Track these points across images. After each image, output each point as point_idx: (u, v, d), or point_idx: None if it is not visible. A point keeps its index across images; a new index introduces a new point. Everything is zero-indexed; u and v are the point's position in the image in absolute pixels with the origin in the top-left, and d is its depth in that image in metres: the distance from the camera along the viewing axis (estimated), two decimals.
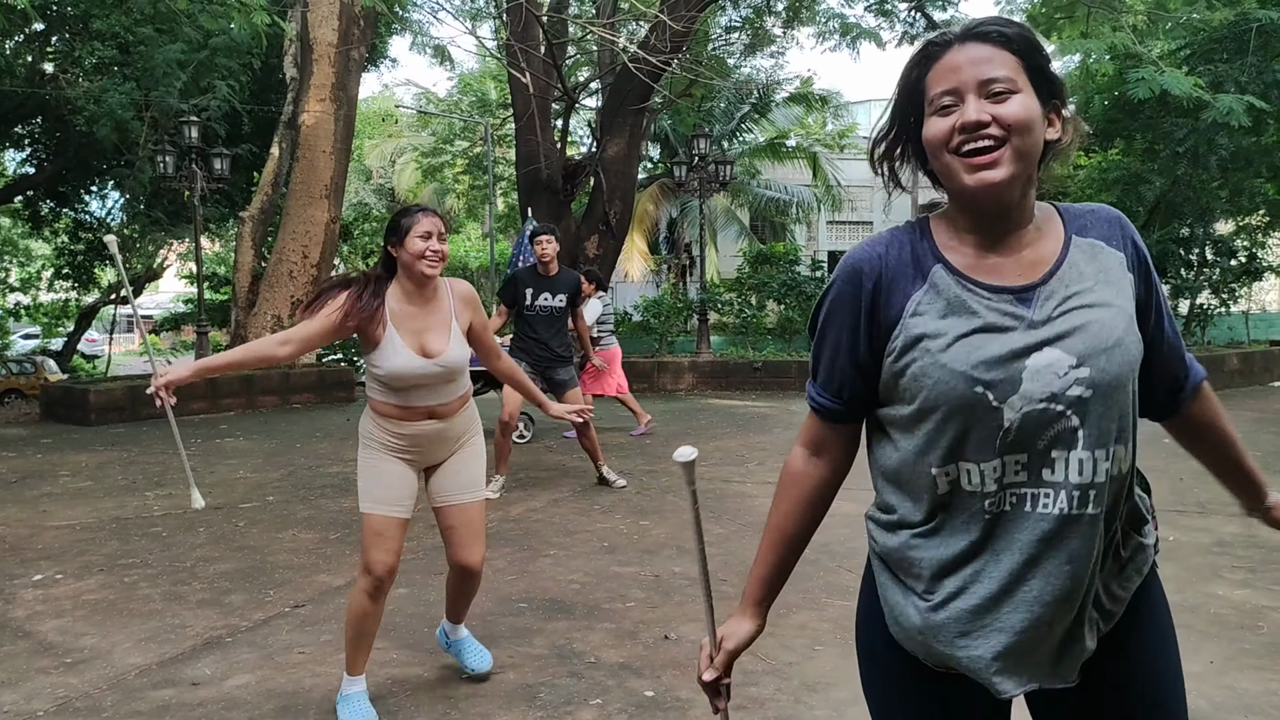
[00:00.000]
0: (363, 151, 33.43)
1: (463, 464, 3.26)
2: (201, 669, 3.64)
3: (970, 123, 1.26)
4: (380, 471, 3.13)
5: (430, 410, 3.10)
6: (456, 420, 3.20)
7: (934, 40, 1.34)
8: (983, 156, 1.26)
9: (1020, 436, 1.28)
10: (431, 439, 3.15)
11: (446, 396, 3.12)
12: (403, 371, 2.99)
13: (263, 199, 14.00)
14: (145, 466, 7.96)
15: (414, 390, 3.05)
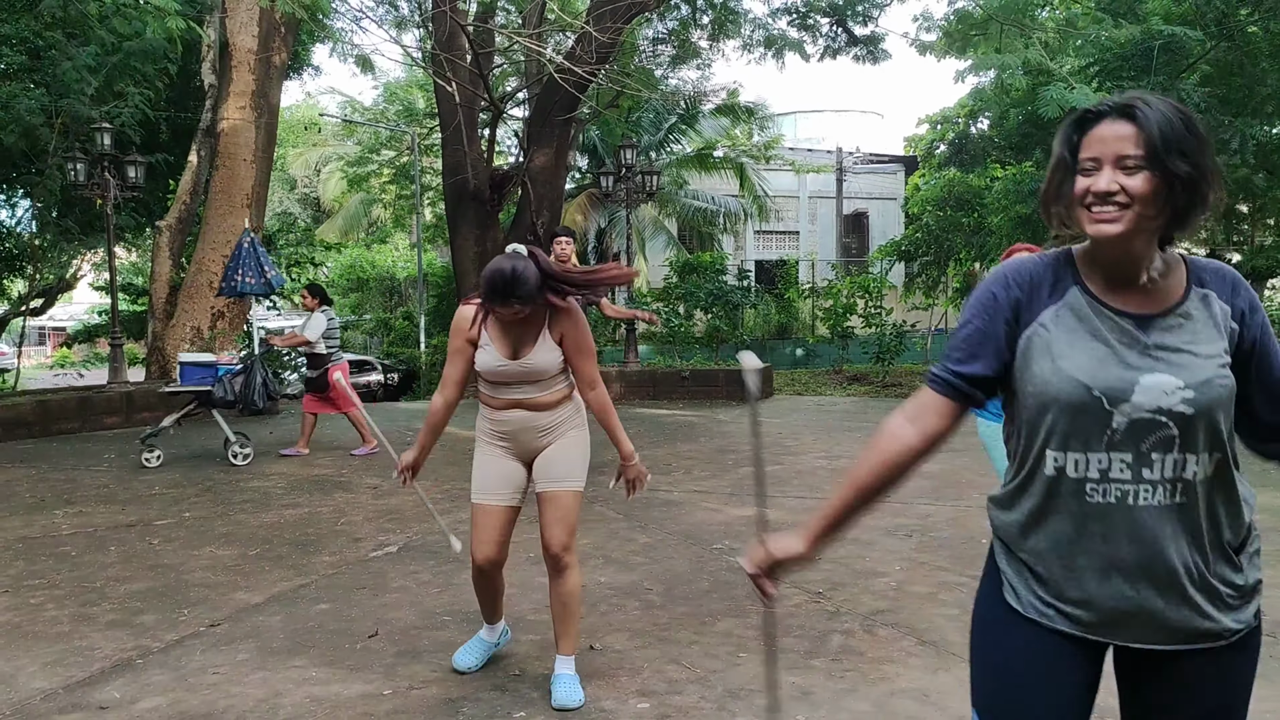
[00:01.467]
0: (286, 160, 32.87)
1: (554, 455, 3.46)
2: (110, 692, 3.53)
3: (1100, 191, 1.54)
4: (487, 463, 3.47)
5: (519, 402, 3.39)
6: (551, 414, 3.44)
7: (1090, 110, 1.61)
8: (1105, 215, 1.54)
9: (1125, 438, 1.55)
10: (521, 427, 3.42)
11: (538, 393, 3.40)
12: (487, 367, 3.36)
13: (180, 208, 13.65)
14: (54, 484, 7.70)
15: (502, 385, 3.38)
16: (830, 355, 19.35)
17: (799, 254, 29.41)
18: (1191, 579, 1.58)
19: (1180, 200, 1.54)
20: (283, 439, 10.04)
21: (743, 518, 6.14)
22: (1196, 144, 1.53)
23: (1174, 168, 1.51)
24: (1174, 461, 1.55)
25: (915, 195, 22.74)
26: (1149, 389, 1.53)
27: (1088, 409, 1.55)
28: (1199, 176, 1.53)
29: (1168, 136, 1.52)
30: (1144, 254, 1.58)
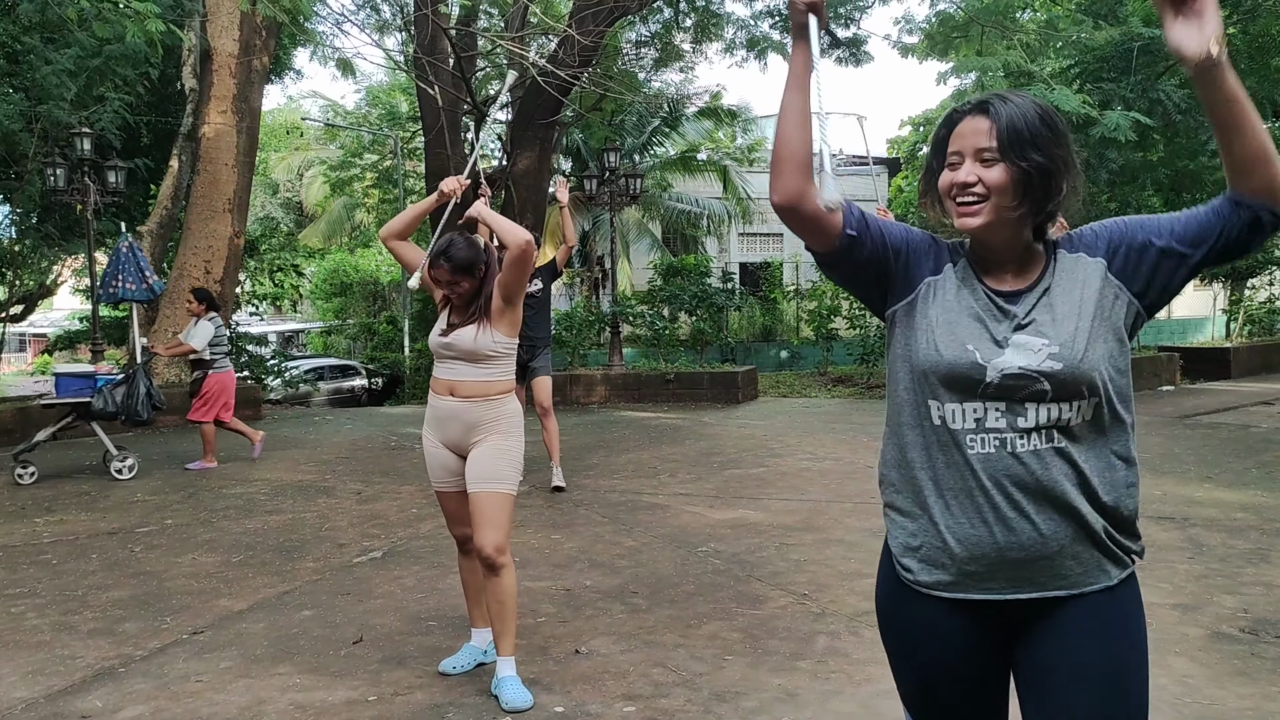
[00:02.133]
0: (268, 165, 32.71)
1: (479, 456, 3.50)
2: (92, 701, 3.50)
3: (959, 183, 1.66)
4: (429, 452, 3.63)
5: (450, 386, 3.53)
6: (476, 408, 3.50)
7: (956, 109, 1.72)
8: (967, 208, 1.66)
9: (999, 391, 1.62)
10: (449, 416, 3.53)
11: (464, 377, 3.51)
12: (430, 340, 3.60)
13: (161, 213, 13.58)
14: (34, 492, 7.64)
15: (441, 363, 3.57)
16: (815, 357, 19.39)
17: (783, 256, 29.43)
18: (1079, 523, 1.63)
19: (1037, 191, 1.62)
20: (271, 444, 9.98)
21: (727, 520, 6.15)
22: (1050, 136, 1.63)
23: (1024, 159, 1.60)
24: (1046, 411, 1.61)
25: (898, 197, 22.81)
26: (1019, 348, 1.62)
27: (964, 370, 1.63)
28: (1053, 167, 1.62)
29: (1018, 129, 1.61)
30: (1012, 242, 1.68)
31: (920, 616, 1.72)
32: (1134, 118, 11.90)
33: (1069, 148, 1.65)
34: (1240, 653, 3.75)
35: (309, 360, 23.32)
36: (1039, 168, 1.61)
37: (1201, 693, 3.40)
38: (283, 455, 9.27)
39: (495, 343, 3.50)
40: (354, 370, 23.24)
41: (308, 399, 19.38)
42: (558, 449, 7.21)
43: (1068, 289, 1.66)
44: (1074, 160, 1.66)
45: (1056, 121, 1.65)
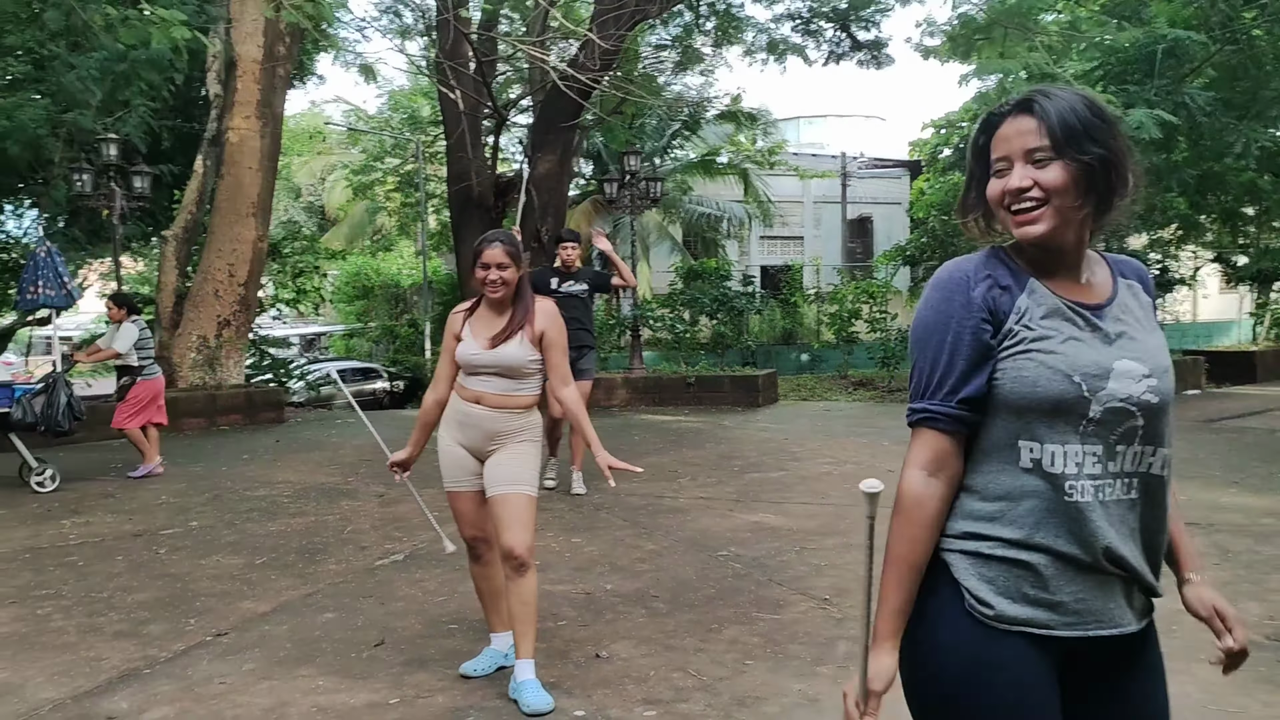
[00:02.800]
0: (291, 169, 32.94)
1: (502, 459, 3.55)
2: (118, 702, 3.53)
3: (1013, 189, 1.52)
4: (447, 452, 3.64)
5: (480, 396, 3.56)
6: (506, 416, 3.56)
7: (993, 111, 1.59)
8: (1026, 215, 1.52)
9: (1098, 429, 1.49)
10: (478, 424, 3.56)
11: (498, 390, 3.56)
12: (465, 356, 3.57)
13: (186, 217, 13.69)
14: (61, 493, 7.72)
15: (473, 376, 3.58)
16: (835, 360, 19.34)
17: (804, 259, 29.38)
18: (1137, 576, 1.55)
19: (1100, 185, 1.51)
20: (293, 447, 10.06)
21: (748, 524, 6.14)
22: (1104, 126, 1.51)
23: (1084, 153, 1.49)
24: (1134, 455, 1.51)
25: (920, 200, 22.70)
26: (1121, 376, 1.50)
27: (1069, 400, 1.48)
28: (1112, 158, 1.51)
29: (1069, 123, 1.49)
30: (1078, 247, 1.57)
31: (1015, 657, 1.52)
32: (1158, 115, 11.80)
33: (1124, 137, 1.54)
34: (1266, 660, 3.71)
35: (331, 363, 23.45)
36: (1100, 159, 1.49)
37: (1227, 700, 3.37)
38: (305, 457, 9.33)
39: (531, 360, 3.55)
40: (376, 373, 23.35)
41: (330, 402, 19.49)
42: (583, 454, 7.13)
43: (1131, 308, 1.59)
44: (1131, 150, 1.55)
45: (1104, 110, 1.53)
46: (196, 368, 12.73)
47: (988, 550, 1.53)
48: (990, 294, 1.54)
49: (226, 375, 12.96)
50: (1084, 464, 1.49)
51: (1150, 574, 1.56)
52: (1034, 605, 1.50)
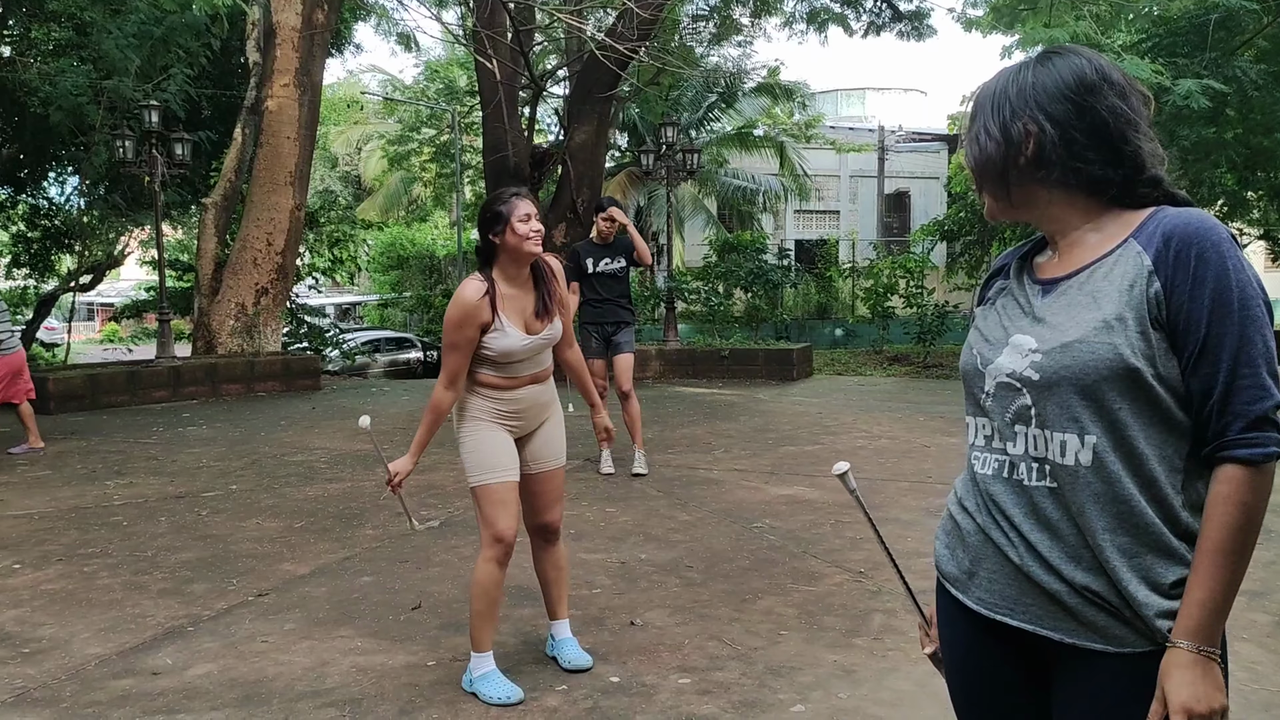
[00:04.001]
0: (328, 138, 33.09)
1: (552, 432, 3.43)
2: (162, 658, 3.60)
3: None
4: (493, 442, 3.28)
5: (533, 376, 3.33)
6: (549, 385, 3.43)
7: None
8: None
9: (992, 404, 1.45)
10: (532, 403, 3.34)
11: (545, 363, 3.38)
12: (511, 349, 3.22)
13: (226, 185, 13.81)
14: (105, 455, 7.86)
15: (519, 363, 3.28)
16: (870, 335, 19.23)
17: (839, 233, 29.16)
18: (1060, 576, 1.38)
19: (1050, 155, 1.39)
20: (329, 414, 10.17)
21: (783, 496, 6.13)
22: (1037, 95, 1.40)
23: (991, 136, 1.44)
24: (1034, 438, 1.39)
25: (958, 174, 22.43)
26: (1011, 350, 1.42)
27: (970, 373, 1.50)
28: (1043, 126, 1.39)
29: (980, 105, 1.47)
30: (1052, 221, 1.46)
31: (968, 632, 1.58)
32: (1208, 85, 11.54)
33: (1084, 91, 1.38)
34: None
35: (366, 333, 23.63)
36: (1020, 133, 1.40)
37: (1270, 680, 3.33)
38: (341, 425, 9.42)
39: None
40: (410, 343, 23.51)
41: (365, 370, 19.65)
42: (640, 431, 6.95)
43: (1097, 279, 1.39)
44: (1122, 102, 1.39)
45: (1049, 73, 1.41)
46: (235, 334, 12.88)
47: (949, 503, 1.61)
48: (990, 279, 1.60)
49: (264, 342, 13.10)
50: (978, 437, 1.50)
51: (1082, 579, 1.35)
52: (955, 565, 1.54)
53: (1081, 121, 1.39)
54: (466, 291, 3.18)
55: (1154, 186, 1.41)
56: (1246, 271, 1.31)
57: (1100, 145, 1.39)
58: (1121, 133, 1.39)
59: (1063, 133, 1.39)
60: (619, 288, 7.10)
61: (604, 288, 7.04)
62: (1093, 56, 1.44)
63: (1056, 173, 1.41)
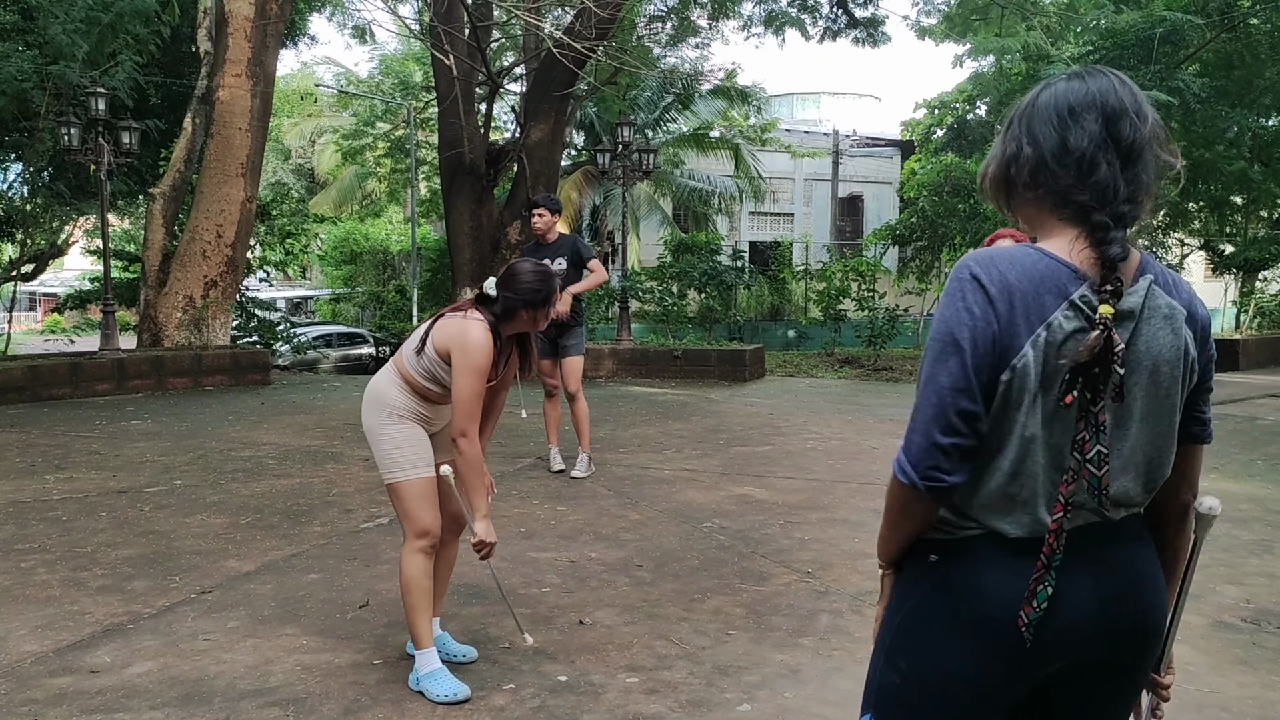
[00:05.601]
0: (281, 130, 32.67)
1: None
2: (101, 656, 3.54)
3: None
4: (415, 438, 3.32)
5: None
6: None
7: None
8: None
9: None
10: (436, 413, 3.41)
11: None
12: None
13: (175, 175, 13.55)
14: (45, 449, 7.69)
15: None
16: (822, 338, 19.39)
17: (793, 236, 29.37)
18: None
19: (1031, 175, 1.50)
20: (279, 409, 10.04)
21: (733, 497, 6.17)
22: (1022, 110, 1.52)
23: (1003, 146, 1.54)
24: None
25: (911, 180, 22.70)
26: None
27: None
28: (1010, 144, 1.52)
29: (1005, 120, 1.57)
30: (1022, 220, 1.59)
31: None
32: (1154, 96, 11.82)
33: (1026, 117, 1.50)
34: (1242, 642, 3.77)
35: (318, 327, 23.36)
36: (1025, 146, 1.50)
37: (1202, 680, 3.42)
38: (290, 420, 9.31)
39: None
40: (362, 338, 23.29)
41: (315, 365, 19.43)
42: (588, 434, 6.88)
43: None
44: (1027, 126, 1.50)
45: (1029, 95, 1.53)
46: (182, 327, 12.66)
47: None
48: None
49: (213, 336, 12.89)
50: None
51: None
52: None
53: (1060, 147, 1.45)
54: (482, 340, 3.18)
55: (1110, 226, 1.43)
56: (945, 305, 1.46)
57: (1069, 170, 1.45)
58: (1093, 160, 1.43)
59: (1048, 152, 1.46)
60: (562, 287, 6.88)
61: None
62: (1106, 83, 1.47)
63: (1043, 193, 1.49)
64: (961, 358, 1.41)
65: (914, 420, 1.45)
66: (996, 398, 1.42)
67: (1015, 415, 1.42)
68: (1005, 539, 1.46)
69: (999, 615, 1.44)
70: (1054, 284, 1.41)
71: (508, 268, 3.37)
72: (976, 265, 1.43)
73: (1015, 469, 1.43)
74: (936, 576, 1.52)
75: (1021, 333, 1.40)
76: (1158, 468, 1.51)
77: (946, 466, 1.42)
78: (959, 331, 1.41)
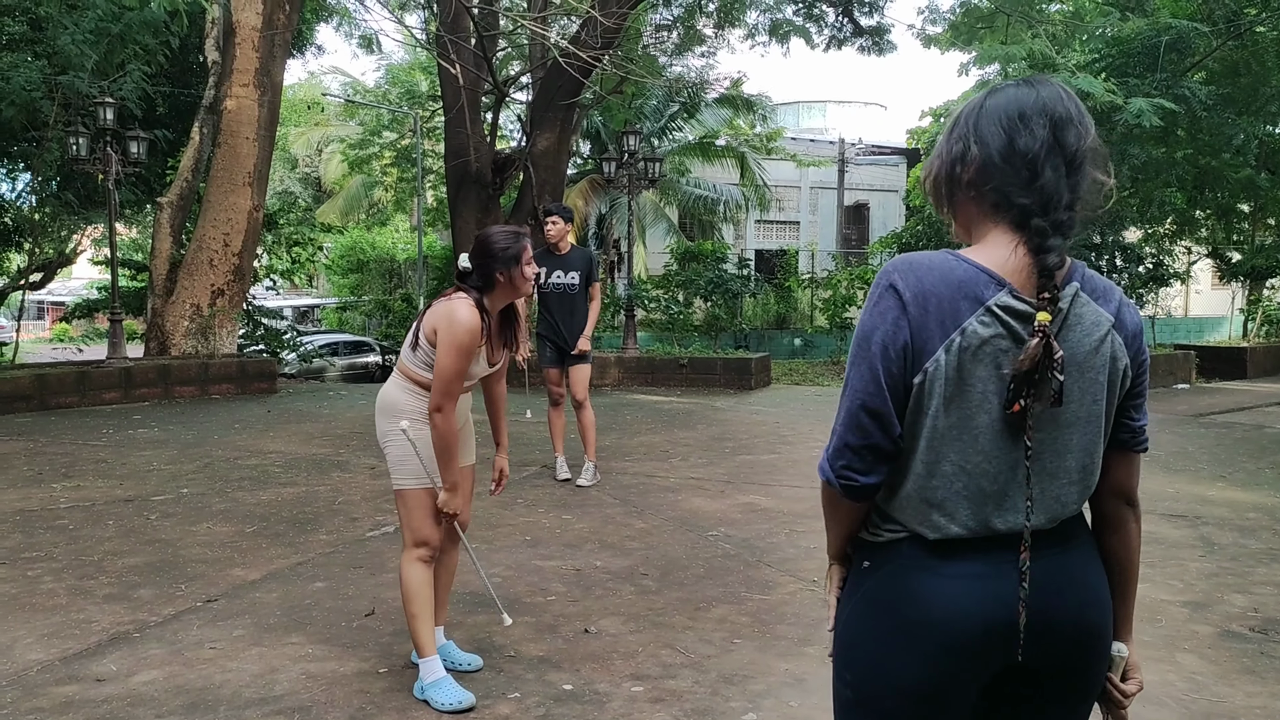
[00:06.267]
0: (288, 140, 32.76)
1: (468, 434, 3.48)
2: (107, 665, 3.54)
3: None
4: (429, 447, 3.27)
5: (466, 389, 3.37)
6: (471, 392, 3.48)
7: None
8: None
9: None
10: (459, 410, 3.36)
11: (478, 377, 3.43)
12: (474, 374, 3.32)
13: (182, 185, 13.61)
14: (52, 457, 7.71)
15: (467, 383, 3.33)
16: (828, 346, 19.38)
17: (799, 244, 29.38)
18: None
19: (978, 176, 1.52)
20: (285, 418, 10.06)
21: (738, 505, 6.16)
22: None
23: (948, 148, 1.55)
24: None
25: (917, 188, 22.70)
26: None
27: None
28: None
29: (945, 126, 1.58)
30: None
31: None
32: (1159, 104, 11.80)
33: (974, 119, 1.52)
34: (1249, 651, 3.75)
35: (324, 336, 23.40)
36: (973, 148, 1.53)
37: (1209, 690, 3.40)
38: (297, 429, 9.33)
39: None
40: (368, 346, 23.31)
41: (322, 374, 19.46)
42: (594, 443, 6.89)
43: None
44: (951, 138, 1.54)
45: (976, 98, 1.55)
46: (189, 336, 12.70)
47: None
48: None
49: (219, 344, 12.93)
50: None
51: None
52: None
53: (1008, 148, 1.46)
54: (469, 318, 3.16)
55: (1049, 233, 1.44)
56: (865, 311, 1.50)
57: (1017, 171, 1.46)
58: (1040, 164, 1.45)
59: (993, 157, 1.47)
60: (570, 306, 6.72)
61: (556, 306, 6.74)
62: (1054, 91, 1.50)
63: (986, 193, 1.49)
64: (871, 361, 1.46)
65: (835, 423, 1.51)
66: (910, 401, 1.45)
67: (926, 419, 1.45)
68: (926, 541, 1.49)
69: (926, 617, 1.46)
70: (970, 290, 1.43)
71: (476, 237, 3.38)
72: (895, 272, 1.47)
73: (930, 470, 1.46)
74: (869, 583, 1.56)
75: (935, 337, 1.42)
76: (1090, 474, 1.52)
77: (859, 466, 1.48)
78: (873, 336, 1.46)
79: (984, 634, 1.45)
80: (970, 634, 1.45)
